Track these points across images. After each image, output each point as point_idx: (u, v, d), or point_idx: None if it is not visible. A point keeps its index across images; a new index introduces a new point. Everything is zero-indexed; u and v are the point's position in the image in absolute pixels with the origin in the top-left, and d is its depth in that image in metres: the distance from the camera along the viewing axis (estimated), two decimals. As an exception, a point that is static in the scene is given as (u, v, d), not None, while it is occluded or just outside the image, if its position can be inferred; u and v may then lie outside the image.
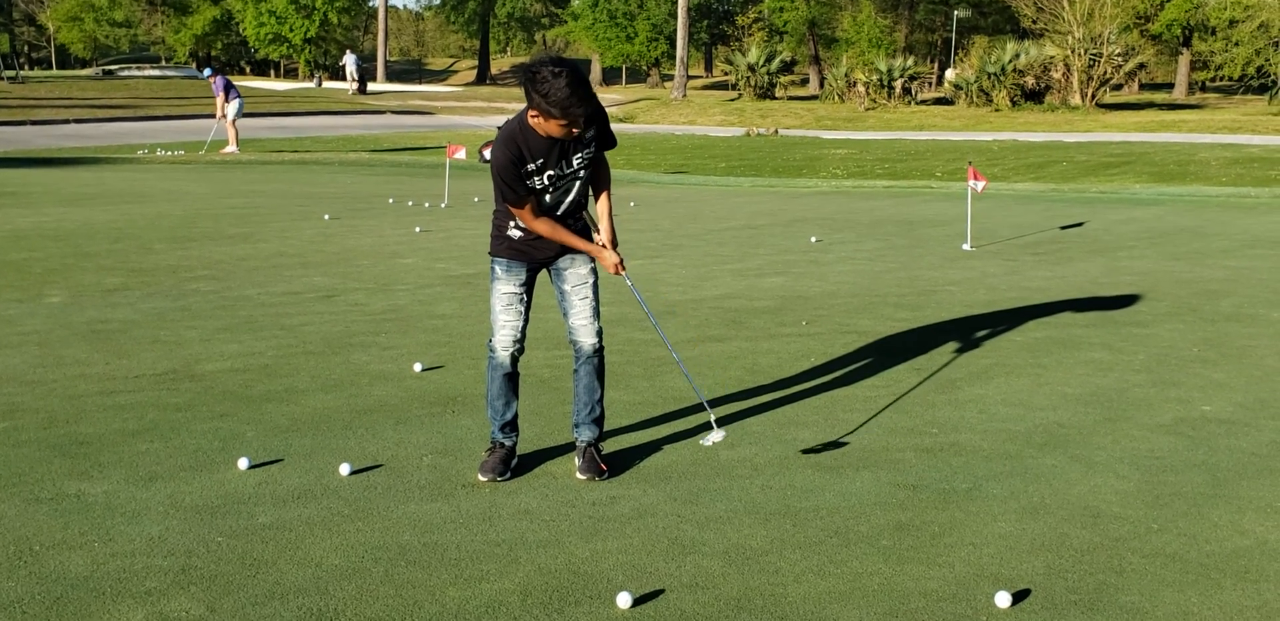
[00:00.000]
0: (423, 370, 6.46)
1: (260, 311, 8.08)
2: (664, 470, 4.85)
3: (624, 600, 3.58)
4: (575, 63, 4.36)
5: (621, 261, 4.75)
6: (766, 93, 49.25)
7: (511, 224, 4.72)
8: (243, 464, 4.80)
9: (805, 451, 5.07)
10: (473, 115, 43.52)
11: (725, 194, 18.81)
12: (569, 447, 5.05)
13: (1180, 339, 7.37)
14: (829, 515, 4.36)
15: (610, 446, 5.09)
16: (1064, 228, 13.36)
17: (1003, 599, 3.61)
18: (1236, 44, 39.02)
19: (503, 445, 4.86)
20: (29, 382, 6.10)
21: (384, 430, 5.37)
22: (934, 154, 25.24)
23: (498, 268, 4.79)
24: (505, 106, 47.66)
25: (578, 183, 4.66)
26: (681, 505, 4.46)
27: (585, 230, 4.78)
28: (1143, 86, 56.60)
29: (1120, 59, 42.55)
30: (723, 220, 14.38)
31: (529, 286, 4.82)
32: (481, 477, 4.70)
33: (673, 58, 60.16)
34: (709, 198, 17.85)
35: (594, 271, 4.83)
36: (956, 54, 54.50)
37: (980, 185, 11.51)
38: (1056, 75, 43.22)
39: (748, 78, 49.19)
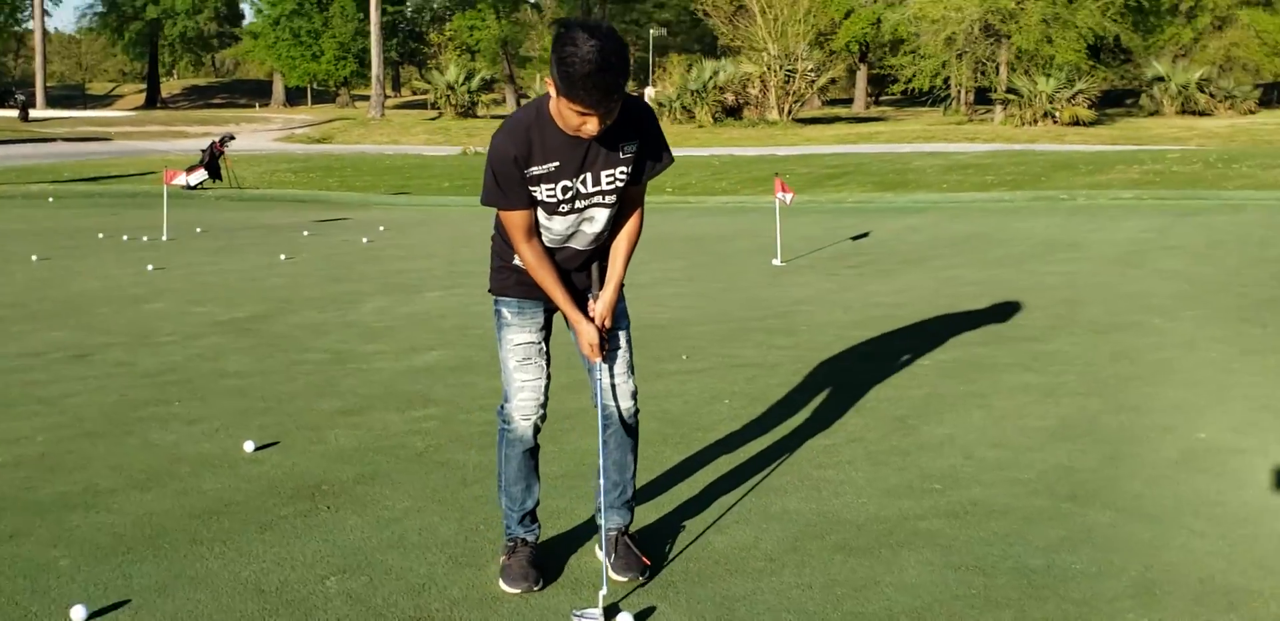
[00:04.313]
0: (255, 449, 5.03)
1: (2, 380, 6.34)
2: (663, 572, 3.69)
3: None
4: (615, 33, 3.05)
5: (603, 341, 3.50)
6: (468, 111, 48.18)
7: None
8: (78, 614, 3.32)
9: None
10: (153, 139, 40.53)
11: (473, 215, 17.57)
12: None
13: (1091, 353, 6.74)
14: (919, 623, 3.32)
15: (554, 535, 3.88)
16: (855, 238, 12.90)
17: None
18: (925, 57, 40.85)
19: (525, 542, 3.66)
20: None
21: (249, 544, 3.94)
22: (665, 169, 24.78)
23: (505, 311, 3.55)
24: (186, 129, 44.59)
25: (604, 211, 3.40)
26: (717, 625, 3.32)
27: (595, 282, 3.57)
28: (825, 102, 58.90)
29: (813, 74, 43.95)
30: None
31: (547, 332, 3.59)
32: (510, 589, 3.50)
33: (362, 77, 58.21)
34: (460, 219, 16.56)
35: (625, 314, 3.64)
36: (654, 73, 54.97)
37: (789, 197, 10.86)
38: (754, 91, 44.23)
39: (448, 96, 47.98)
